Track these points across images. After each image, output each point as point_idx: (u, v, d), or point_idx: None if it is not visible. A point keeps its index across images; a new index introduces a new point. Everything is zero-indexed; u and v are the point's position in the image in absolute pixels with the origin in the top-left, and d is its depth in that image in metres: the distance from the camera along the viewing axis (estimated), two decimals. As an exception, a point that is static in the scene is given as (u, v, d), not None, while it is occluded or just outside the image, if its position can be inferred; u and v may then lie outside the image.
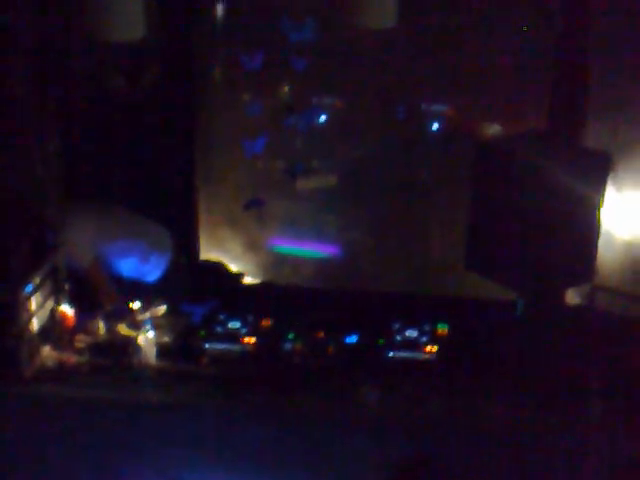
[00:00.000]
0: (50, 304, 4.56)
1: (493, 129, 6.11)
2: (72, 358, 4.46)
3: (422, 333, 4.54)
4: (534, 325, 4.54)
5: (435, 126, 6.23)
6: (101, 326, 4.65)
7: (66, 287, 4.69)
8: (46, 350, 4.46)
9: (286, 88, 6.33)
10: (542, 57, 5.61)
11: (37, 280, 4.41)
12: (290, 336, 4.54)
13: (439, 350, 4.45)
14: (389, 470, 4.06)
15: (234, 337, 4.54)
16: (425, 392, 4.20)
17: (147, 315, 4.70)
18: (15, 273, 4.30)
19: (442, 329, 4.60)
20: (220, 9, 6.19)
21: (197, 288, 5.17)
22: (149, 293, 4.87)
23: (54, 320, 4.57)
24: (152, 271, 5.22)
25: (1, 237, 4.74)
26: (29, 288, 4.32)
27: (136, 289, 4.99)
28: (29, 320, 4.33)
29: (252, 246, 6.45)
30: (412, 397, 4.17)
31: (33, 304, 4.36)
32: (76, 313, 4.65)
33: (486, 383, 4.23)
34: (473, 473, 4.05)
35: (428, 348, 4.47)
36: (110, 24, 4.57)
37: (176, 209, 5.98)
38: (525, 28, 5.54)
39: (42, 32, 5.40)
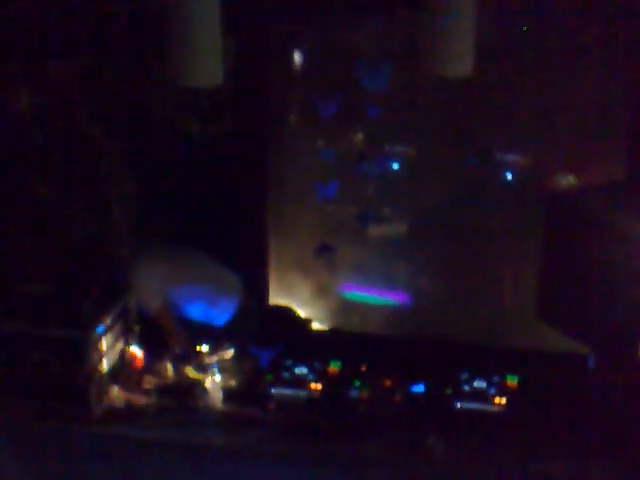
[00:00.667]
0: (120, 345, 4.61)
1: (568, 179, 6.05)
2: (140, 399, 4.49)
3: (491, 384, 4.45)
4: (606, 381, 4.44)
5: (509, 176, 6.19)
6: (169, 368, 4.68)
7: (136, 328, 4.74)
8: (115, 390, 4.50)
9: (359, 135, 6.36)
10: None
11: (108, 321, 4.47)
12: (356, 383, 4.50)
13: (508, 402, 4.36)
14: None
15: (301, 383, 4.52)
16: (492, 446, 4.11)
17: (214, 358, 4.72)
18: (87, 314, 4.37)
19: (512, 381, 4.51)
20: (297, 55, 6.27)
21: (265, 333, 5.18)
22: (217, 336, 4.90)
23: (123, 361, 4.61)
24: (220, 315, 5.25)
25: (75, 278, 4.84)
26: (100, 329, 4.38)
27: (204, 332, 5.02)
28: (99, 360, 4.38)
29: (321, 292, 6.45)
30: (479, 450, 4.09)
31: (104, 345, 4.42)
32: (145, 354, 4.69)
33: (554, 439, 4.12)
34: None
35: (497, 400, 4.38)
36: (188, 70, 4.63)
37: (247, 253, 6.01)
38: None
39: (121, 75, 5.55)
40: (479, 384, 4.46)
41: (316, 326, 6.12)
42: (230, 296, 5.30)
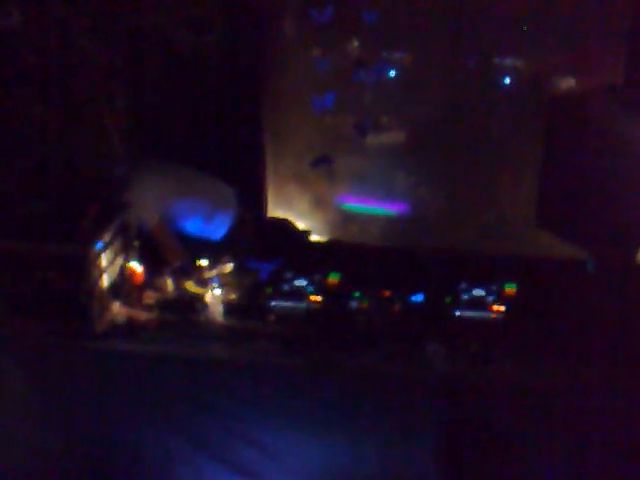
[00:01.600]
0: (120, 261, 4.62)
1: (567, 83, 5.97)
2: (141, 314, 4.51)
3: (489, 292, 4.47)
4: (604, 285, 4.45)
5: (507, 80, 6.11)
6: (169, 283, 4.70)
7: (135, 244, 4.74)
8: (116, 306, 4.53)
9: (355, 43, 6.26)
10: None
11: (107, 237, 4.47)
12: (356, 294, 4.52)
13: (506, 310, 4.39)
14: (453, 430, 4.04)
15: (300, 295, 4.53)
16: (491, 352, 4.15)
17: (214, 273, 4.74)
18: (86, 230, 4.37)
19: (510, 288, 4.53)
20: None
21: (264, 246, 5.19)
22: (216, 251, 4.90)
23: (123, 277, 4.63)
24: (217, 229, 5.25)
25: (73, 195, 4.83)
26: (99, 245, 4.38)
27: (202, 247, 5.03)
28: (100, 276, 4.39)
29: (320, 203, 6.44)
30: (477, 358, 4.13)
31: (103, 261, 4.42)
32: (145, 270, 4.70)
33: (552, 346, 4.15)
34: (532, 438, 4.00)
35: (495, 307, 4.40)
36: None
37: (243, 166, 5.99)
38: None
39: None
40: (478, 292, 4.48)
41: (315, 238, 6.13)
42: (225, 210, 5.29)
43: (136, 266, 4.69)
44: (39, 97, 5.41)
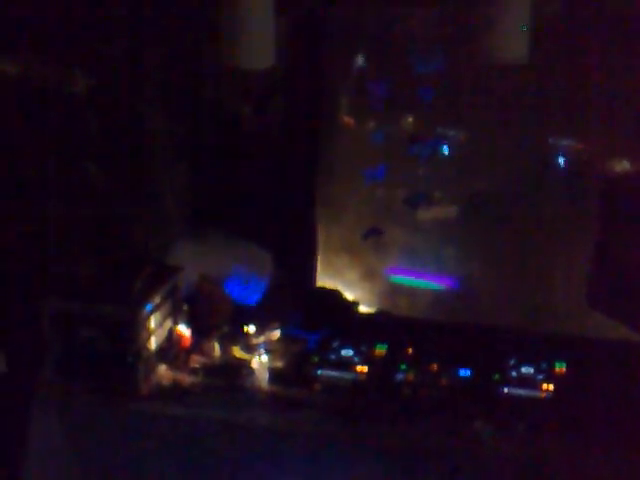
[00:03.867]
0: (168, 324, 4.65)
1: (622, 165, 5.96)
2: (187, 378, 4.52)
3: (539, 370, 4.41)
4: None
5: (562, 161, 6.11)
6: (216, 347, 4.71)
7: (184, 308, 4.78)
8: (162, 369, 4.54)
9: (410, 118, 6.32)
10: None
11: (157, 299, 4.50)
12: (402, 367, 4.49)
13: (556, 389, 4.31)
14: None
15: (347, 365, 4.51)
16: (539, 432, 4.07)
17: (261, 339, 4.75)
18: (137, 292, 4.41)
19: (560, 367, 4.46)
20: (350, 38, 6.25)
21: (312, 315, 5.18)
22: (263, 318, 4.91)
23: (171, 340, 4.65)
24: (252, 295, 5.28)
25: (126, 258, 4.90)
26: (149, 307, 4.42)
27: (249, 313, 5.05)
28: (148, 339, 4.41)
29: (369, 275, 6.44)
30: (525, 437, 4.05)
31: (152, 323, 4.45)
32: (192, 334, 4.72)
33: (601, 430, 4.06)
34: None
35: (544, 386, 4.33)
36: (240, 52, 4.64)
37: (294, 234, 6.03)
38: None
39: (173, 61, 5.59)
40: (527, 370, 4.42)
41: (363, 309, 6.12)
42: (263, 276, 5.34)
43: (184, 329, 4.71)
44: (97, 162, 5.53)
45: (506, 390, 4.33)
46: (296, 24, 5.85)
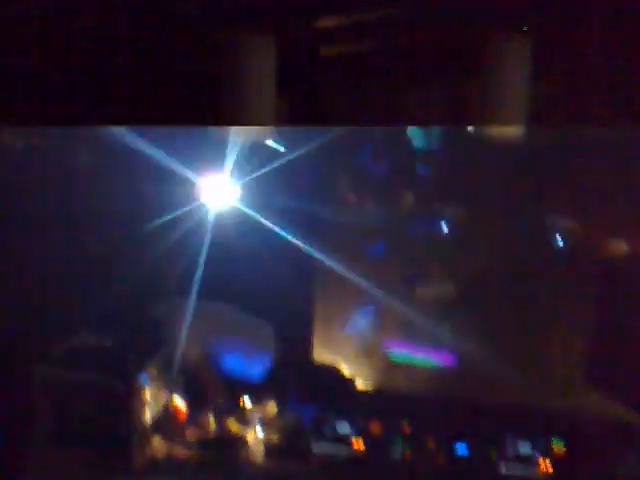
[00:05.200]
0: (163, 396, 4.62)
1: (618, 247, 5.98)
2: (181, 451, 4.47)
3: (536, 447, 4.36)
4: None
5: (560, 241, 6.13)
6: (211, 420, 4.67)
7: (179, 380, 4.75)
8: (157, 441, 4.50)
9: (409, 196, 6.35)
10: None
11: (153, 372, 4.49)
12: (399, 443, 4.45)
13: (553, 467, 4.27)
14: None
15: (342, 440, 4.47)
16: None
17: (257, 412, 4.71)
18: (132, 363, 4.40)
19: (557, 445, 4.42)
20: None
21: (309, 389, 5.15)
22: (259, 391, 4.89)
23: (166, 412, 4.61)
24: (256, 369, 5.24)
25: (121, 330, 4.89)
26: (145, 379, 4.40)
27: (246, 386, 5.02)
28: (142, 410, 4.38)
29: (367, 351, 6.40)
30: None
31: (147, 395, 4.43)
32: (188, 406, 4.69)
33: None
34: None
35: (542, 464, 4.29)
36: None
37: (293, 310, 6.01)
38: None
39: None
40: (524, 447, 4.38)
41: (360, 385, 6.07)
42: (265, 350, 5.30)
43: (179, 402, 4.68)
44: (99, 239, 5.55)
45: (504, 468, 4.29)
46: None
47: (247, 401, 4.72)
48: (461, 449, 4.40)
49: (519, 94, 4.85)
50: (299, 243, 6.11)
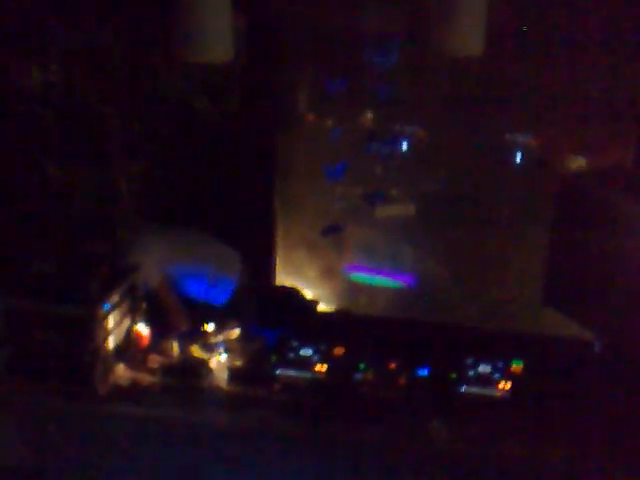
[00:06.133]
0: (126, 323, 4.61)
1: (577, 162, 6.01)
2: (145, 378, 4.49)
3: (496, 369, 4.44)
4: (612, 366, 4.42)
5: (518, 157, 6.16)
6: (175, 347, 4.68)
7: (142, 307, 4.74)
8: (120, 369, 4.51)
9: (369, 115, 6.33)
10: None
11: (115, 299, 4.47)
12: (361, 366, 4.50)
13: (513, 387, 4.36)
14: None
15: (306, 364, 4.51)
16: (496, 430, 4.11)
17: (220, 338, 4.73)
18: (94, 292, 4.37)
19: (517, 365, 4.50)
20: (305, 34, 6.23)
21: (271, 313, 5.18)
22: (222, 316, 4.90)
23: (129, 339, 4.62)
24: (221, 294, 5.24)
25: (81, 256, 4.84)
26: (107, 306, 4.38)
27: (209, 312, 5.02)
28: (105, 338, 4.38)
29: (328, 272, 6.45)
30: (481, 435, 4.09)
31: (110, 322, 4.42)
32: (151, 333, 4.69)
33: (557, 425, 4.11)
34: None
35: (501, 385, 4.37)
36: (197, 45, 4.61)
37: (253, 232, 6.01)
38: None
39: (130, 52, 5.53)
40: (484, 369, 4.45)
41: (322, 307, 6.13)
42: (231, 275, 5.29)
43: (142, 329, 4.68)
44: (52, 157, 5.46)
45: (463, 389, 4.36)
46: (255, 21, 5.82)
47: (210, 327, 4.72)
48: (422, 371, 4.45)
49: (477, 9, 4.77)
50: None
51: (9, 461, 4.37)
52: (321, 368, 4.48)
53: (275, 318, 5.05)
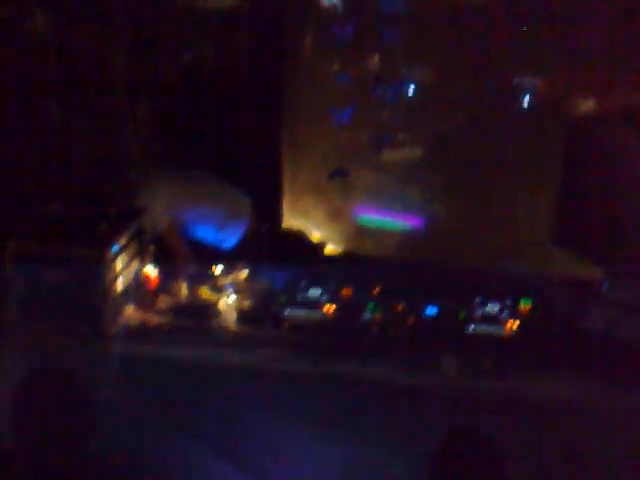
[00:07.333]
0: (135, 265, 4.62)
1: (587, 104, 5.96)
2: (154, 318, 4.51)
3: (504, 308, 4.46)
4: (620, 306, 4.43)
5: (527, 100, 6.11)
6: (183, 288, 4.70)
7: (151, 249, 4.75)
8: (129, 310, 4.53)
9: (376, 59, 6.28)
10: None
11: (123, 241, 4.47)
12: (370, 306, 4.51)
13: (520, 325, 4.37)
14: (461, 440, 4.03)
15: (314, 305, 4.53)
16: (504, 367, 4.13)
17: (229, 279, 4.74)
18: (102, 233, 4.37)
19: (525, 304, 4.51)
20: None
21: (279, 255, 5.19)
22: (231, 258, 4.91)
23: (138, 280, 4.63)
24: (229, 237, 5.25)
25: (90, 198, 4.85)
26: (115, 248, 4.38)
27: (218, 253, 5.04)
28: (114, 280, 4.39)
29: (335, 215, 6.45)
30: (490, 373, 4.11)
31: (119, 264, 4.43)
32: (160, 274, 4.70)
33: (563, 363, 4.13)
34: (534, 453, 3.98)
35: (509, 323, 4.39)
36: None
37: (260, 176, 6.01)
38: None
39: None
40: (492, 307, 4.46)
41: (330, 249, 6.13)
42: (240, 218, 5.30)
43: (151, 270, 4.69)
44: (62, 102, 5.44)
45: (472, 327, 4.38)
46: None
47: (219, 269, 4.73)
48: (430, 311, 4.46)
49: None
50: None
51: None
52: (329, 308, 4.50)
53: (283, 260, 5.06)
